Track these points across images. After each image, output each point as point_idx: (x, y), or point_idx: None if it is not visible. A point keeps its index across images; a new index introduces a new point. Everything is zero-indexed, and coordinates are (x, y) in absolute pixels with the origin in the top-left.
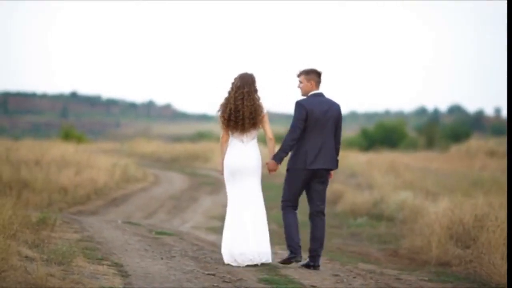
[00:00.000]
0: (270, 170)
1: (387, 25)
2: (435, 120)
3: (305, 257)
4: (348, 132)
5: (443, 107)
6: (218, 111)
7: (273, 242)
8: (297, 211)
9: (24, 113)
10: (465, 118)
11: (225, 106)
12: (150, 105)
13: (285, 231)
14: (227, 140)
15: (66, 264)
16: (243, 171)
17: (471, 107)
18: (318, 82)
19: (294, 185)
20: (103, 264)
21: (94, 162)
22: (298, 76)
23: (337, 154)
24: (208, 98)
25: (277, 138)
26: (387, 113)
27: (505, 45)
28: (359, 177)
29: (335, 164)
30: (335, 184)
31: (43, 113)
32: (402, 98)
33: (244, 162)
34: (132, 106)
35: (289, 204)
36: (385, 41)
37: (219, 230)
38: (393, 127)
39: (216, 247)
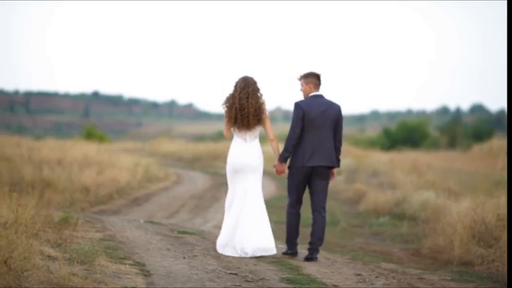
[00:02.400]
0: (279, 172)
1: (411, 23)
2: (457, 120)
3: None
4: (370, 131)
5: (465, 106)
6: (223, 104)
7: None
8: (301, 208)
9: (46, 113)
10: (487, 117)
11: (231, 106)
12: (172, 105)
13: (286, 226)
14: (229, 137)
15: (89, 264)
16: (245, 169)
17: (493, 106)
18: (317, 85)
19: (295, 182)
20: (125, 264)
21: (116, 161)
22: (299, 80)
23: (339, 153)
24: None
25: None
26: (409, 112)
27: None
28: (381, 177)
29: (334, 163)
30: (357, 184)
31: (65, 113)
32: (424, 97)
33: (246, 160)
34: (154, 105)
35: (292, 201)
36: (408, 40)
37: None
38: (415, 127)
39: None
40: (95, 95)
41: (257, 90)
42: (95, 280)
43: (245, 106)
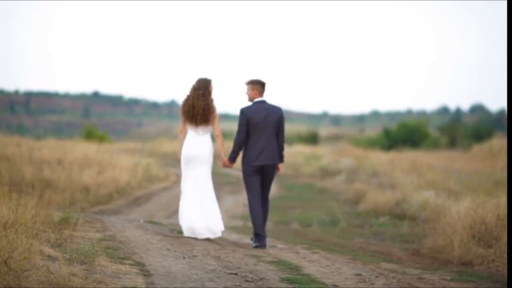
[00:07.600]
0: (224, 166)
1: (412, 24)
2: (457, 120)
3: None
4: (370, 131)
5: (465, 106)
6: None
7: (295, 241)
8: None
9: (47, 113)
10: (488, 117)
11: (185, 103)
12: (172, 105)
13: (252, 220)
14: (183, 132)
15: (89, 264)
16: (197, 159)
17: (493, 106)
18: (261, 91)
19: (248, 179)
20: (125, 264)
21: (116, 161)
22: (246, 84)
23: (282, 150)
24: (229, 98)
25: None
26: (409, 112)
27: None
28: (381, 177)
29: (278, 159)
30: (357, 184)
31: (65, 113)
32: (424, 98)
33: (198, 151)
34: (154, 105)
35: (251, 196)
36: (408, 40)
37: (241, 230)
38: (415, 127)
39: (238, 246)
40: (96, 95)
41: (208, 93)
42: (95, 280)
43: (195, 106)
